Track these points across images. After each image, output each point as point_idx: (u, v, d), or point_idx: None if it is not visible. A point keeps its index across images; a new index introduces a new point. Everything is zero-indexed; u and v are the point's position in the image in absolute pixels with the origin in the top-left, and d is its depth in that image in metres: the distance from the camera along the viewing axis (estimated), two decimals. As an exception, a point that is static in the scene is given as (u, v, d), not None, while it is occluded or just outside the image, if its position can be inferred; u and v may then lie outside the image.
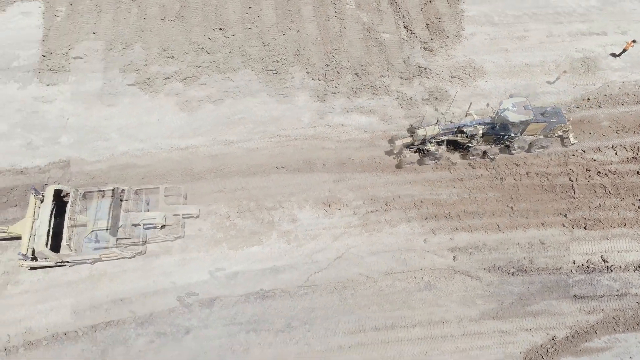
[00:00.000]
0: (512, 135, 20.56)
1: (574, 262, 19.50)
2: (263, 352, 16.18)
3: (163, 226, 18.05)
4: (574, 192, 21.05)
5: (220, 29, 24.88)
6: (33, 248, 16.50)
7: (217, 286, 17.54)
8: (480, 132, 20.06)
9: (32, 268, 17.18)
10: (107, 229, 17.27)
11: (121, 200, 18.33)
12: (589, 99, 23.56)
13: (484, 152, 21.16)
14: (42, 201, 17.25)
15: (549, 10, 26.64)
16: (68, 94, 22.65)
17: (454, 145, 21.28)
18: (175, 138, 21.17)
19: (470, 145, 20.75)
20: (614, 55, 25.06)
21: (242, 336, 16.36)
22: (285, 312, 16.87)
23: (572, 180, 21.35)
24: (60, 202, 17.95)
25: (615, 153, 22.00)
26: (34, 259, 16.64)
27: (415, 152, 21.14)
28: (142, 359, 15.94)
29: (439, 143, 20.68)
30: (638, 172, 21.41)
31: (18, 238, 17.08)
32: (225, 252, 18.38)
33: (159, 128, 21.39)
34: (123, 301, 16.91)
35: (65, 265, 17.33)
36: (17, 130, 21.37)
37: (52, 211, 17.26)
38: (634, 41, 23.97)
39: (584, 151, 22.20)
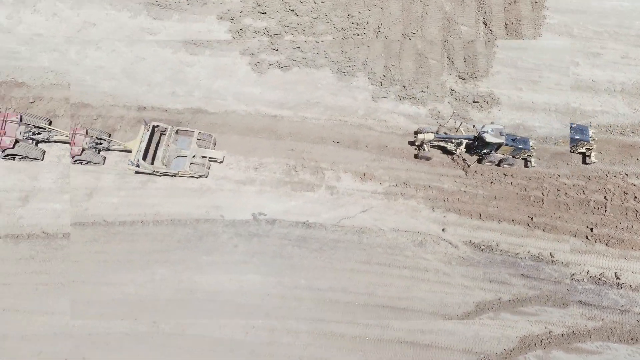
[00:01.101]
0: (530, 148, 22.35)
1: (587, 272, 21.34)
2: (301, 260, 21.36)
3: (192, 164, 22.18)
4: (606, 210, 22.43)
5: None
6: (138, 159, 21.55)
7: (256, 227, 21.90)
8: (503, 140, 21.67)
9: (136, 172, 22.34)
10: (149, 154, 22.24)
11: (162, 135, 22.67)
12: (646, 127, 24.26)
13: (500, 161, 22.91)
14: (148, 130, 22.12)
15: (632, 32, 26.74)
16: (170, 30, 26.28)
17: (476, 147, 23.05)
18: (242, 96, 24.57)
19: (488, 151, 22.59)
20: (684, 88, 25.17)
21: (289, 248, 21.47)
22: (319, 239, 21.70)
23: (607, 199, 22.65)
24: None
25: (658, 183, 22.88)
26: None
27: (437, 147, 23.42)
28: (223, 247, 21.40)
29: (459, 144, 22.71)
30: (675, 207, 22.33)
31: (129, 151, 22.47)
32: (275, 197, 22.48)
33: (230, 84, 24.84)
34: (217, 208, 22.09)
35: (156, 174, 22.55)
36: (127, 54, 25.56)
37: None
38: None
39: (626, 174, 23.21)
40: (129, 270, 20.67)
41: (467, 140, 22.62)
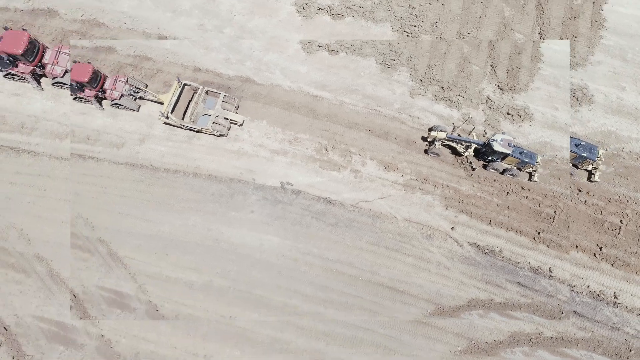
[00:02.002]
0: (536, 163, 24.30)
1: (588, 287, 23.43)
2: (317, 231, 24.36)
3: (214, 123, 25.30)
4: (619, 232, 24.13)
5: None
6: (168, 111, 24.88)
7: (282, 195, 24.95)
8: (510, 151, 23.42)
9: (165, 123, 25.73)
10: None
11: (194, 93, 25.93)
12: (682, 159, 25.21)
13: (504, 170, 24.76)
14: (180, 86, 25.31)
15: (686, 66, 27.24)
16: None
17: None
18: (289, 72, 27.15)
19: (494, 159, 24.47)
20: None
21: (308, 219, 24.50)
22: (337, 215, 24.59)
23: (622, 223, 24.29)
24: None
25: (678, 218, 24.11)
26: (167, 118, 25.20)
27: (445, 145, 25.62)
28: (250, 207, 24.59)
29: (468, 147, 24.75)
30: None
31: (161, 103, 25.78)
32: (305, 169, 25.45)
33: (280, 59, 27.43)
34: (251, 171, 25.24)
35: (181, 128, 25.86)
36: (195, 11, 28.31)
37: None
38: None
39: (648, 203, 24.73)
40: (167, 212, 24.28)
41: (476, 145, 24.55)
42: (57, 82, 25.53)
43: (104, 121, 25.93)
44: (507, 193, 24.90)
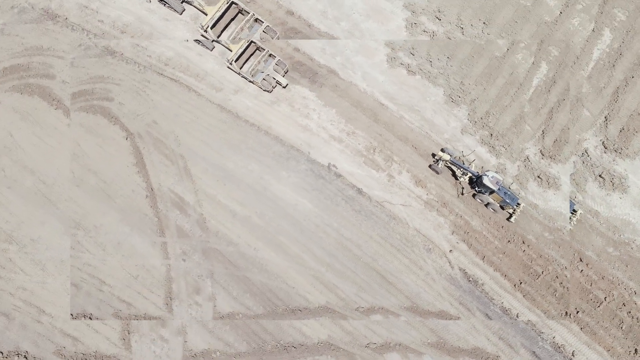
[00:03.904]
0: (516, 206, 28.89)
1: (553, 338, 28.51)
2: (342, 211, 30.56)
3: (264, 80, 32.13)
4: (599, 306, 28.63)
5: (484, 23, 33.26)
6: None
7: (326, 173, 31.67)
8: (495, 188, 28.13)
9: (228, 67, 33.05)
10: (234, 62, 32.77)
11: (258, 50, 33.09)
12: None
13: (488, 203, 29.45)
14: (247, 42, 32.41)
15: None
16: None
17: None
18: (368, 76, 32.87)
19: (482, 191, 29.19)
20: None
21: (339, 199, 30.95)
22: (362, 205, 30.83)
23: (605, 300, 28.70)
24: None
25: (659, 308, 28.14)
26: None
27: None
28: (298, 174, 31.29)
29: (464, 174, 29.75)
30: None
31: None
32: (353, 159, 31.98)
33: (366, 64, 33.32)
34: (309, 145, 31.98)
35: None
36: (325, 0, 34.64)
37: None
38: None
39: (635, 292, 28.78)
40: (235, 153, 31.67)
41: (470, 174, 29.53)
42: (162, 0, 33.51)
43: (213, 66, 33.46)
44: (509, 241, 29.85)
